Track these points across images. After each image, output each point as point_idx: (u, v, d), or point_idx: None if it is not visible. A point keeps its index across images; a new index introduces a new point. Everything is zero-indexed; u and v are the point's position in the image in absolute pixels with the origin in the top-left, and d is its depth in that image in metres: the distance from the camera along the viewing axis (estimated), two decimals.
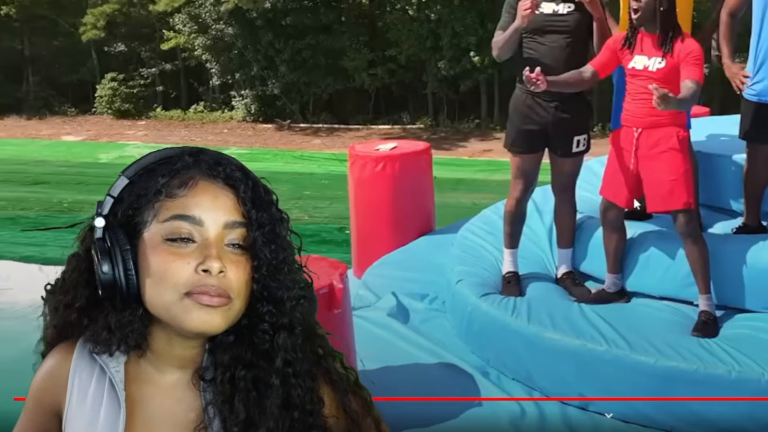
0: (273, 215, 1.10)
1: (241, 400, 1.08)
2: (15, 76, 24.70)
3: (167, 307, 1.04)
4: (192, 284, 1.03)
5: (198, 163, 1.08)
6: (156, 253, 1.05)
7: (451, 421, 3.62)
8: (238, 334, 1.10)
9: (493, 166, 15.34)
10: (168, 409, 1.11)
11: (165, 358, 1.11)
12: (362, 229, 6.19)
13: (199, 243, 1.05)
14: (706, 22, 5.00)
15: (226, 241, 1.07)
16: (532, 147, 4.28)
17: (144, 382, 1.12)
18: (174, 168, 1.07)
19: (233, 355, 1.10)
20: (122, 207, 1.08)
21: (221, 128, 22.43)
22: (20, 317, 5.45)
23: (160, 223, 1.05)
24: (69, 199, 13.14)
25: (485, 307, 4.20)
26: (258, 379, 1.10)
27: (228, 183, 1.08)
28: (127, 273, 1.05)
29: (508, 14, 4.18)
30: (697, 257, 3.84)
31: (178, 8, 22.34)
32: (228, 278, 1.05)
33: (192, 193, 1.06)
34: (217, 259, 1.04)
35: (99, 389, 1.12)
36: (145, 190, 1.07)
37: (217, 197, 1.07)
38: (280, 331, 1.10)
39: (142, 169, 1.09)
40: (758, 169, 4.18)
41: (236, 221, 1.07)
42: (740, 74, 4.06)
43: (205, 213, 1.05)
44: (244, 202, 1.08)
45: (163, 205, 1.06)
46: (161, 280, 1.04)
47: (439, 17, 20.64)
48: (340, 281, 3.61)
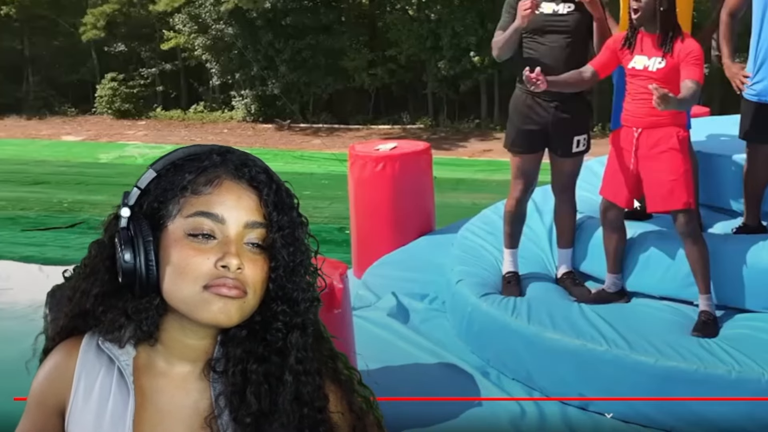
0: (293, 219, 1.13)
1: (253, 392, 1.11)
2: (15, 76, 24.70)
3: (185, 299, 1.08)
4: (211, 278, 1.07)
5: (225, 162, 1.12)
6: (178, 247, 1.08)
7: (451, 421, 3.62)
8: (250, 329, 1.14)
9: (493, 166, 15.34)
10: (178, 400, 1.13)
11: (176, 349, 1.14)
12: (362, 229, 6.19)
13: (220, 240, 1.09)
14: (706, 22, 5.00)
15: (246, 240, 1.10)
16: (532, 147, 4.28)
17: (154, 375, 1.14)
18: (201, 165, 1.11)
19: (246, 349, 1.13)
20: (148, 199, 1.11)
21: (221, 128, 22.43)
22: (20, 317, 5.46)
23: (183, 218, 1.09)
24: (69, 199, 13.13)
25: (485, 307, 4.20)
26: (269, 373, 1.13)
27: (252, 184, 1.12)
28: (148, 263, 1.08)
29: (508, 14, 4.18)
30: (697, 257, 3.84)
31: (178, 8, 22.34)
32: (245, 275, 1.08)
33: (217, 191, 1.10)
34: (236, 257, 1.07)
35: (107, 382, 1.13)
36: (171, 185, 1.10)
37: (241, 197, 1.10)
38: (293, 330, 1.14)
39: (170, 164, 1.12)
40: (758, 169, 4.18)
41: (257, 222, 1.11)
42: (740, 74, 4.06)
43: (228, 212, 1.09)
44: (266, 204, 1.11)
45: (188, 201, 1.09)
46: (182, 272, 1.07)
47: (439, 17, 20.64)
48: (340, 281, 3.61)
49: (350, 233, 6.50)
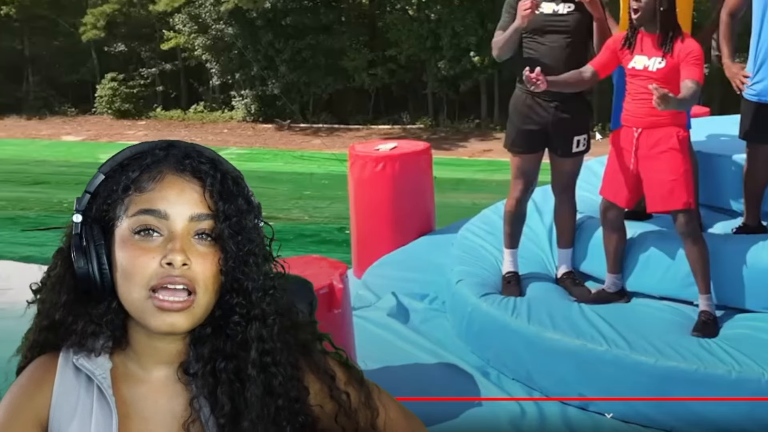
0: (240, 206, 1.10)
1: (224, 392, 1.10)
2: (15, 76, 24.73)
3: (134, 304, 1.06)
4: (157, 277, 1.05)
5: (168, 157, 1.10)
6: (125, 248, 1.07)
7: (451, 421, 3.61)
8: (215, 326, 1.11)
9: (493, 166, 15.36)
10: (162, 406, 1.12)
11: (148, 355, 1.12)
12: (362, 229, 6.19)
13: (166, 236, 1.06)
14: (706, 22, 5.00)
15: (195, 232, 1.08)
16: (532, 147, 4.28)
17: (134, 383, 1.12)
18: (144, 163, 1.09)
19: (213, 347, 1.11)
20: (97, 203, 1.10)
21: (221, 128, 22.44)
22: (20, 317, 5.45)
23: (129, 218, 1.07)
24: (69, 199, 13.03)
25: (485, 307, 4.20)
26: (239, 369, 1.11)
27: (196, 176, 1.09)
28: (101, 268, 1.08)
29: (508, 14, 4.18)
30: (697, 257, 3.84)
31: (178, 8, 22.36)
32: (192, 270, 1.06)
33: (159, 187, 1.07)
34: (181, 252, 1.05)
35: (87, 400, 1.10)
36: (116, 186, 1.08)
37: (184, 191, 1.08)
38: (252, 322, 1.11)
39: (117, 165, 1.10)
40: (758, 169, 4.18)
41: (202, 213, 1.08)
42: (740, 74, 4.06)
43: (171, 206, 1.07)
44: (210, 195, 1.08)
45: (132, 200, 1.07)
46: (130, 275, 1.06)
47: (439, 17, 20.65)
48: (340, 281, 3.61)
49: (350, 233, 6.50)
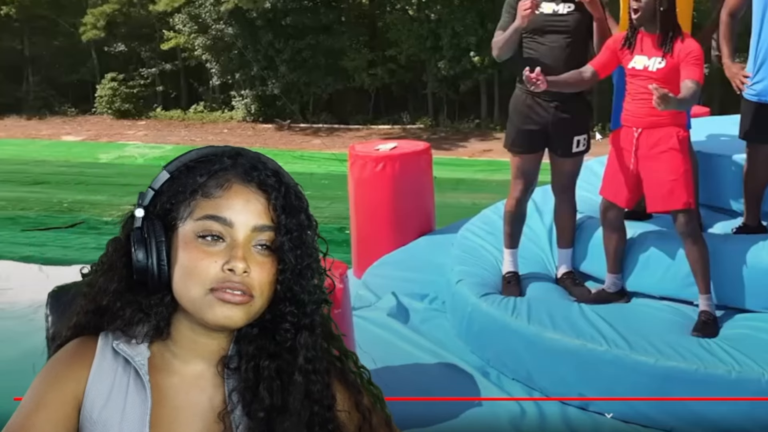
0: (301, 222, 1.15)
1: (265, 387, 1.14)
2: (15, 76, 24.73)
3: (192, 300, 1.11)
4: (217, 281, 1.10)
5: (235, 165, 1.14)
6: (188, 249, 1.12)
7: (451, 421, 3.61)
8: (262, 327, 1.17)
9: (493, 166, 15.36)
10: (193, 398, 1.16)
11: (189, 348, 1.16)
12: (362, 229, 6.19)
13: (228, 243, 1.11)
14: (706, 22, 5.00)
15: (255, 242, 1.12)
16: (532, 147, 4.28)
17: (169, 374, 1.16)
18: (212, 168, 1.14)
19: (258, 346, 1.16)
20: (161, 200, 1.14)
21: (221, 128, 22.44)
22: (20, 317, 5.45)
23: (194, 221, 1.12)
24: (69, 199, 13.15)
25: (485, 307, 4.20)
26: (281, 369, 1.16)
27: (261, 188, 1.14)
28: (159, 263, 1.12)
29: (508, 14, 4.18)
30: (697, 257, 3.84)
31: (178, 8, 22.36)
32: (251, 278, 1.11)
33: (226, 195, 1.12)
34: (242, 260, 1.10)
35: (123, 384, 1.14)
36: (183, 187, 1.13)
37: (249, 201, 1.13)
38: (301, 330, 1.17)
39: (183, 166, 1.15)
40: (758, 169, 4.18)
41: (265, 225, 1.13)
42: (740, 74, 4.06)
43: (236, 215, 1.12)
44: (274, 208, 1.13)
45: (198, 204, 1.12)
46: (190, 274, 1.11)
47: (439, 17, 20.65)
48: (340, 281, 3.61)
49: (350, 233, 6.50)
